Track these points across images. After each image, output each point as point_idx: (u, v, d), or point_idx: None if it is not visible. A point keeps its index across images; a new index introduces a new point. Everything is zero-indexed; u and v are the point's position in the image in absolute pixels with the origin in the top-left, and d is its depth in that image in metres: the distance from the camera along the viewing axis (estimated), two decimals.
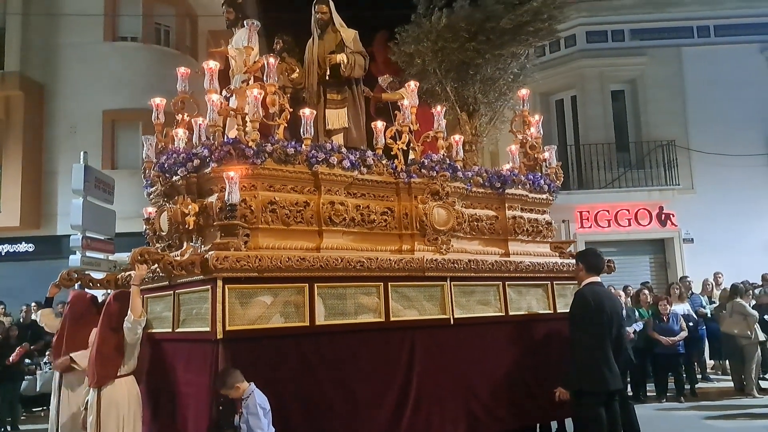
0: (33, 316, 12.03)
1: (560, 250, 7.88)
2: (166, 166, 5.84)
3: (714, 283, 12.80)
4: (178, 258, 5.20)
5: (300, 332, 5.20)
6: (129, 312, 5.11)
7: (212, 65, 5.78)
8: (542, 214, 7.73)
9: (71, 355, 5.85)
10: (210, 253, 4.85)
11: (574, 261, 7.56)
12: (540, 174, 7.71)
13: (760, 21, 16.45)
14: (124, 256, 10.38)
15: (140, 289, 5.41)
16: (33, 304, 12.50)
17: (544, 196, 7.71)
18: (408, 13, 13.72)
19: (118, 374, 5.19)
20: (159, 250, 5.76)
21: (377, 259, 5.71)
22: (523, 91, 8.33)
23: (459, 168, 6.73)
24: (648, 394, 10.78)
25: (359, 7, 7.66)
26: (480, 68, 13.32)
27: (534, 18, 13.44)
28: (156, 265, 5.13)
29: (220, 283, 4.83)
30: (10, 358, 7.76)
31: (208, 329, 4.89)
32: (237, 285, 4.94)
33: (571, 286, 7.43)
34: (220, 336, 4.77)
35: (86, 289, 7.03)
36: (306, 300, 5.26)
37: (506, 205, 7.21)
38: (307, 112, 5.95)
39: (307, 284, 5.28)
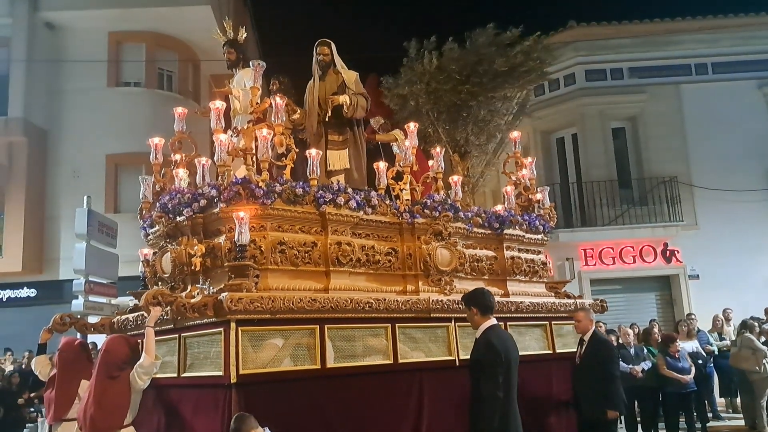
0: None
1: (555, 290, 7.88)
2: (169, 206, 5.80)
3: (724, 319, 12.65)
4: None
5: (312, 375, 5.11)
6: (143, 355, 4.92)
7: (218, 105, 5.79)
8: (538, 254, 7.79)
9: None
10: (224, 294, 4.75)
11: (570, 301, 7.57)
12: (535, 214, 7.76)
13: (757, 58, 16.63)
14: (126, 300, 10.32)
15: (130, 334, 5.32)
16: (26, 352, 12.38)
17: (539, 237, 7.77)
18: (398, 56, 13.97)
19: (123, 425, 4.95)
20: None
21: (385, 300, 5.66)
22: (515, 133, 8.41)
23: (460, 208, 6.74)
24: None
25: (350, 51, 7.70)
26: (472, 110, 13.50)
27: (526, 59, 13.69)
28: (168, 307, 5.02)
29: (233, 325, 4.73)
30: None
31: (219, 373, 4.76)
32: (250, 327, 4.84)
33: (566, 326, 7.43)
34: (234, 380, 4.65)
35: (79, 335, 6.88)
36: (317, 342, 5.18)
37: (504, 245, 7.25)
38: (313, 153, 5.96)
39: (318, 326, 5.20)
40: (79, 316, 7.18)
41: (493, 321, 5.40)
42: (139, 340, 5.26)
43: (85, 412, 4.94)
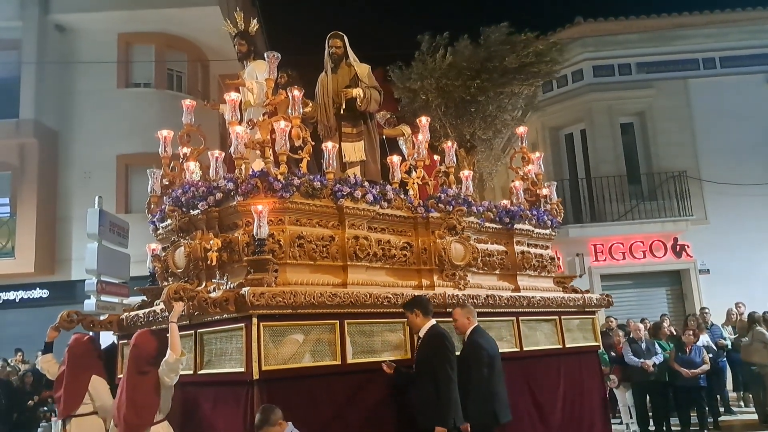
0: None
1: (563, 284, 7.91)
2: (182, 199, 5.73)
3: (737, 313, 12.61)
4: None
5: (332, 371, 5.09)
6: (168, 351, 4.84)
7: (234, 97, 5.74)
8: (546, 249, 7.83)
9: None
10: (246, 289, 4.71)
11: (578, 296, 7.63)
12: (543, 209, 7.79)
13: (765, 52, 16.58)
14: (138, 300, 10.40)
15: (158, 329, 5.30)
16: (39, 353, 12.41)
17: (547, 232, 7.82)
18: (409, 50, 14.03)
19: (155, 421, 4.92)
20: None
21: (403, 295, 5.65)
22: (521, 129, 8.42)
23: (473, 203, 6.75)
24: (672, 428, 10.53)
25: (360, 46, 7.72)
26: (480, 105, 13.54)
27: (538, 60, 13.74)
28: (190, 302, 4.93)
29: (255, 320, 4.69)
30: None
31: (241, 369, 4.74)
32: (271, 323, 4.81)
33: (575, 321, 7.51)
34: (256, 376, 4.62)
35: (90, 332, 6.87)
36: (337, 337, 5.16)
37: (514, 239, 7.27)
38: (329, 146, 5.93)
39: (338, 321, 5.19)
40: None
41: (433, 321, 5.48)
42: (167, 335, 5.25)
43: (119, 410, 4.94)
